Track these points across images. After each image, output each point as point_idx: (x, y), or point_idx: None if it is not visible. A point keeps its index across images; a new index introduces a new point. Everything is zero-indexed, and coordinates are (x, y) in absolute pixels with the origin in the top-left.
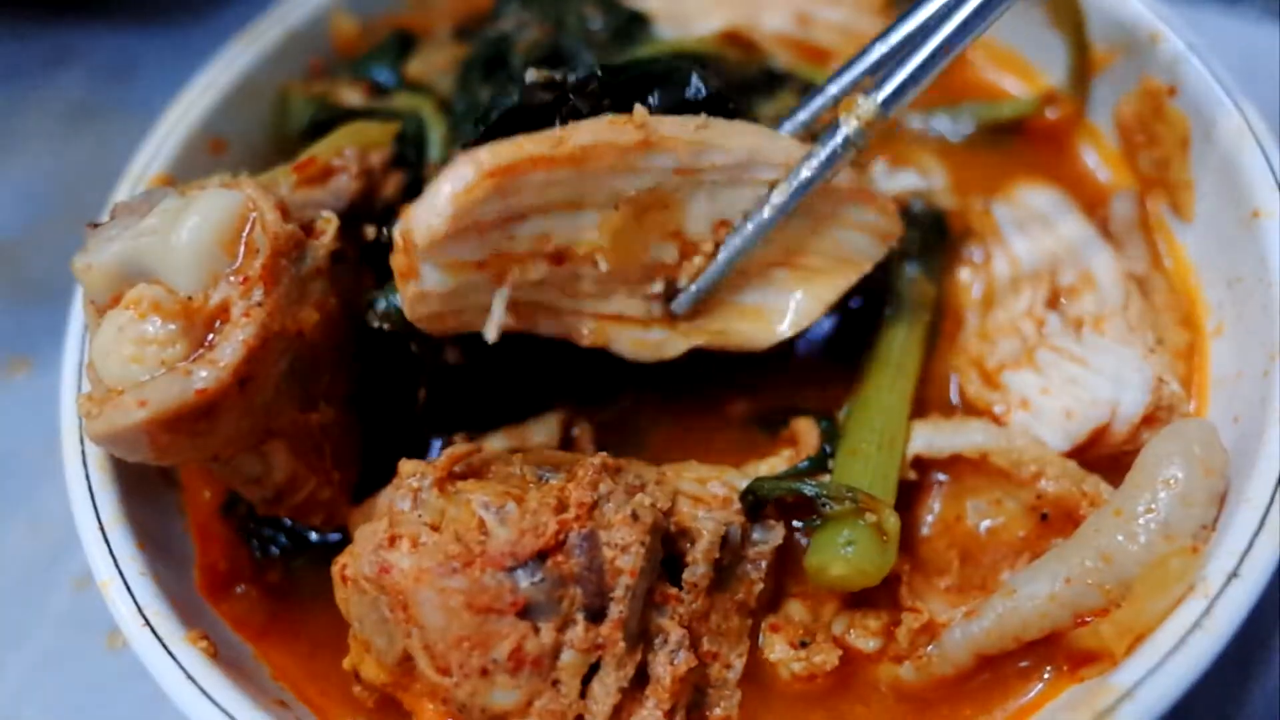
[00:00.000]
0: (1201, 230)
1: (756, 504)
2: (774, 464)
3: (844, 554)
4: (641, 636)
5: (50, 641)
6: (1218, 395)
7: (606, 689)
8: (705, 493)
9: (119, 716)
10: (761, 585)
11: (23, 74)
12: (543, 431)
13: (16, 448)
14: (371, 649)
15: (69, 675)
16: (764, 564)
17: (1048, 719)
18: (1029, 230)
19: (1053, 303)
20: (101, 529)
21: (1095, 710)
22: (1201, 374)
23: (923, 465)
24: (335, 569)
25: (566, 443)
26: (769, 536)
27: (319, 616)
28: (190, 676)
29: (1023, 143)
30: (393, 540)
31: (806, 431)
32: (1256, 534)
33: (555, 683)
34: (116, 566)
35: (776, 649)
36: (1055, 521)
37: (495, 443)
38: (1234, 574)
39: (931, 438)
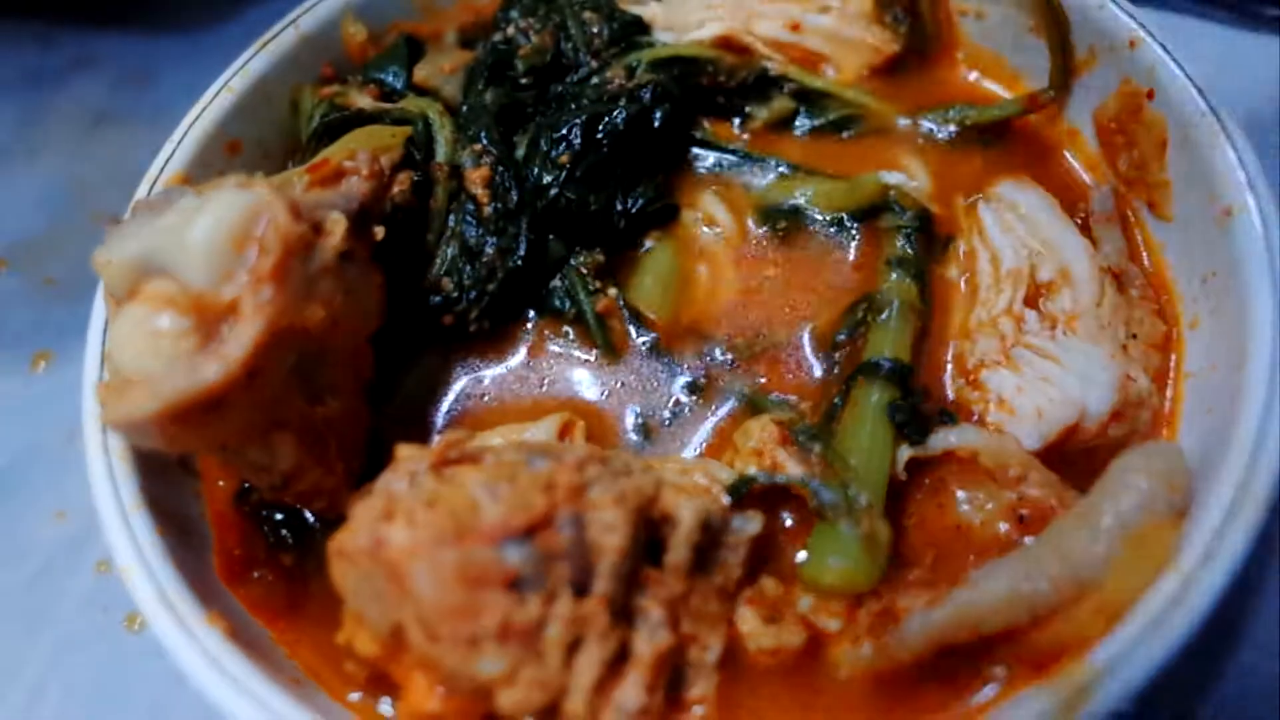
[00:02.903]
0: (1178, 228)
1: (738, 493)
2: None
3: (835, 566)
4: (624, 615)
5: (72, 624)
6: (1193, 387)
7: (590, 662)
8: (688, 482)
9: (138, 695)
10: (739, 571)
11: (46, 80)
12: (542, 432)
13: (39, 438)
14: (364, 622)
15: (90, 656)
16: (742, 550)
17: (1027, 697)
18: (1011, 228)
19: (1031, 300)
20: (124, 515)
21: (1075, 686)
22: (1177, 368)
23: (913, 463)
24: (331, 546)
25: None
26: (747, 525)
27: (331, 598)
28: (210, 656)
29: (1006, 145)
30: (389, 516)
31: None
32: (1229, 517)
33: (540, 654)
34: (139, 551)
35: (748, 621)
36: (1033, 523)
37: (494, 442)
38: (1208, 556)
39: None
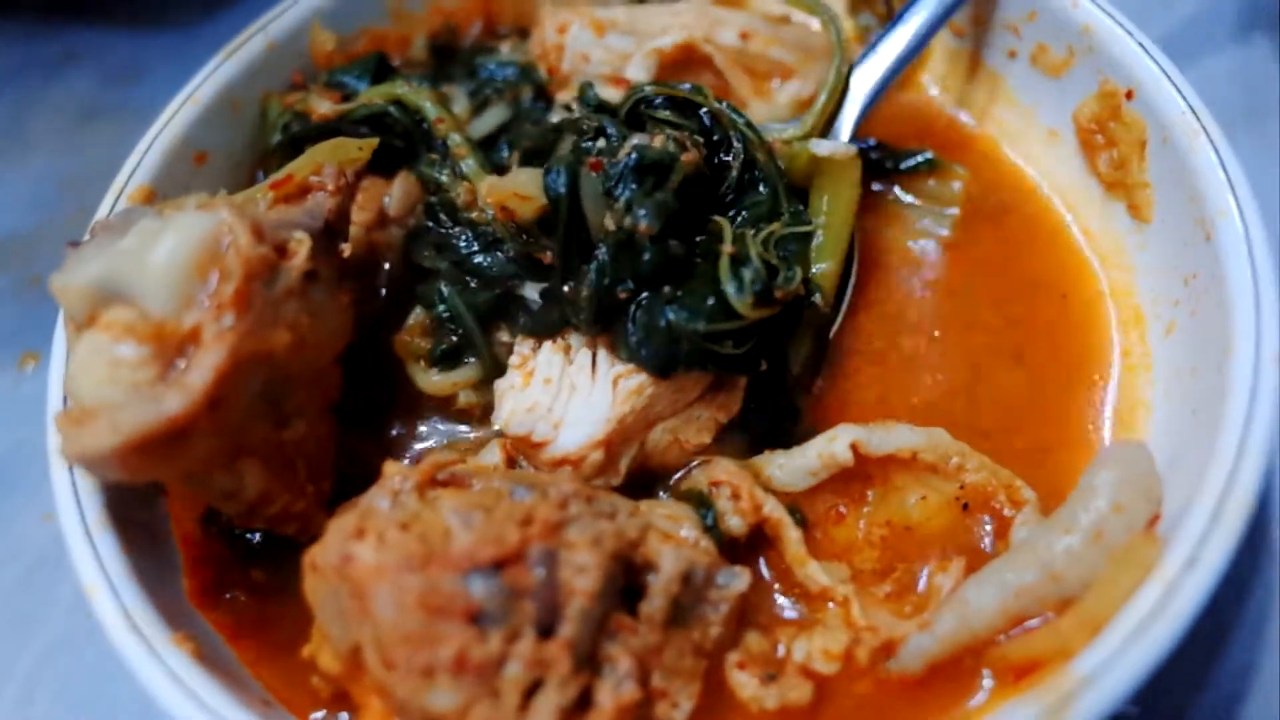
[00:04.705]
0: (1159, 229)
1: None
2: None
3: None
4: (590, 661)
5: (60, 630)
6: (1174, 389)
7: (547, 707)
8: (676, 531)
9: (127, 703)
10: (718, 629)
11: (33, 76)
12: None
13: (28, 439)
14: (329, 638)
15: (78, 662)
16: (724, 608)
17: (1011, 706)
18: None
19: None
20: (88, 534)
21: (1058, 695)
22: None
23: (860, 460)
24: (306, 558)
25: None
26: (734, 581)
27: (302, 616)
28: (177, 678)
29: None
30: (360, 533)
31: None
32: (1213, 522)
33: (496, 693)
34: (103, 571)
35: (747, 687)
36: (975, 510)
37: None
38: (1192, 561)
39: (867, 438)
